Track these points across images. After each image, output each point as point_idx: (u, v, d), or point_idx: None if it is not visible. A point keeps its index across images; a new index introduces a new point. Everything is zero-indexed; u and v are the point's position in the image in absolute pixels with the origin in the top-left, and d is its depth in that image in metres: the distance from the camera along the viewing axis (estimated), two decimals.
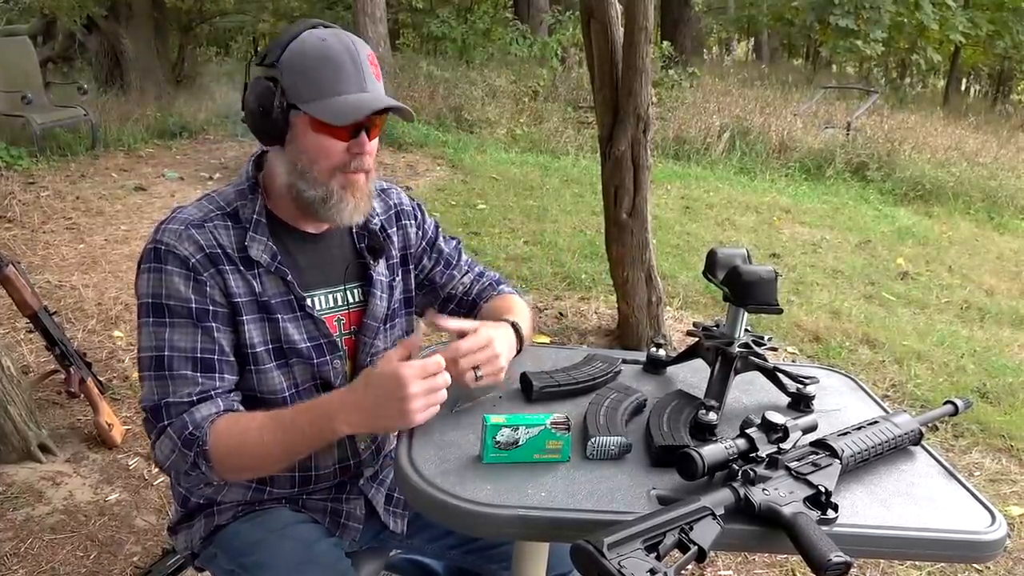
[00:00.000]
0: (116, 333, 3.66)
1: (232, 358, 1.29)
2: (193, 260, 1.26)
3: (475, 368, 1.28)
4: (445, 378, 1.19)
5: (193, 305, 1.25)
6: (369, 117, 1.26)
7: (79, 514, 2.44)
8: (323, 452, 1.41)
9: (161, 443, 1.24)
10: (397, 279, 1.50)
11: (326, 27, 1.29)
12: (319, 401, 1.25)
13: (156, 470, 2.67)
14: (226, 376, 1.28)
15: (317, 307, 1.37)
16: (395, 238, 1.51)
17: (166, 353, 1.25)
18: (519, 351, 1.44)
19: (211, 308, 1.27)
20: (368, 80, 1.26)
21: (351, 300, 1.43)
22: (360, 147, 1.28)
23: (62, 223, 5.25)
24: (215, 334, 1.27)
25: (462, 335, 1.31)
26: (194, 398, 1.24)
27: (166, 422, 1.24)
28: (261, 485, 1.41)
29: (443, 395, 1.19)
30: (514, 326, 1.43)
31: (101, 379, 3.00)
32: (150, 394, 1.26)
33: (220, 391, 1.27)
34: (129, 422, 2.92)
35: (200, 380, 1.25)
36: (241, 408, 1.30)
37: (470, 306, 1.58)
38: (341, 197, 1.29)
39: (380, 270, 1.46)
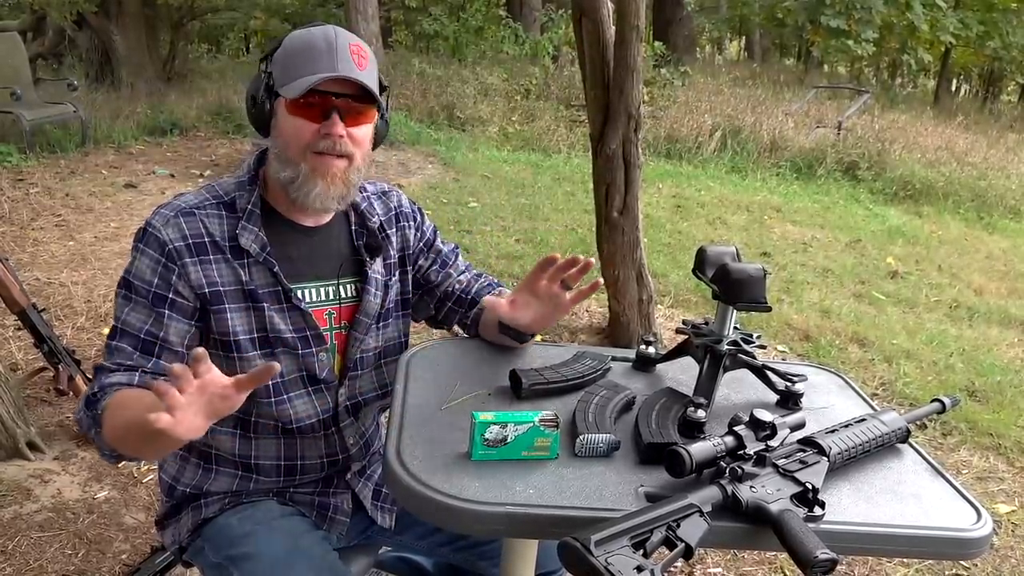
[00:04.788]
0: (105, 330, 3.64)
1: (179, 349, 1.30)
2: (171, 246, 1.29)
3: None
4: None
5: (153, 289, 1.29)
6: (347, 102, 1.28)
7: (67, 512, 2.43)
8: (308, 442, 1.42)
9: (81, 400, 1.28)
10: (393, 279, 1.51)
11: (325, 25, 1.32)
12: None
13: (145, 468, 2.66)
14: (162, 362, 1.28)
15: (306, 299, 1.38)
16: (394, 239, 1.51)
17: (119, 326, 1.29)
18: None
19: (170, 296, 1.29)
20: (341, 62, 1.27)
21: (344, 295, 1.44)
22: (328, 128, 1.28)
23: (51, 220, 5.22)
24: (165, 321, 1.29)
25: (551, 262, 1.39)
26: (121, 368, 1.26)
27: (90, 382, 1.28)
28: (247, 472, 1.42)
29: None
30: None
31: (90, 377, 2.99)
32: (102, 359, 1.31)
33: (148, 371, 1.27)
34: None
35: (134, 357, 1.27)
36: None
37: (469, 304, 1.57)
38: (308, 178, 1.31)
39: (376, 268, 1.46)
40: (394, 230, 1.52)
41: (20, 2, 10.04)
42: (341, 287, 1.43)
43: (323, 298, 1.41)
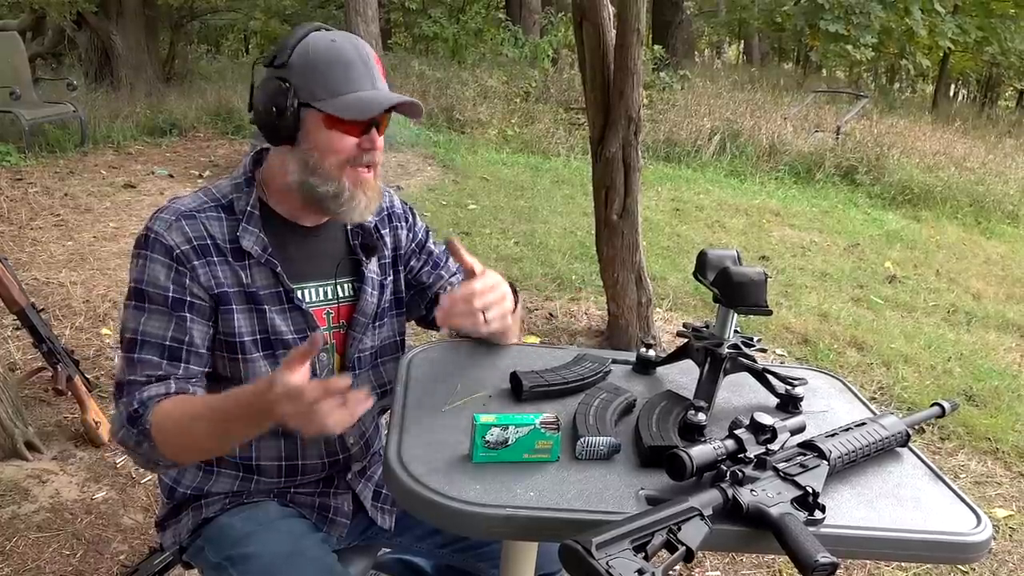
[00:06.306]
0: (104, 331, 3.64)
1: (203, 351, 1.31)
2: (178, 250, 1.28)
3: (484, 311, 1.34)
4: (322, 407, 1.09)
5: (170, 294, 1.28)
6: (383, 116, 1.31)
7: (65, 512, 2.43)
8: (310, 444, 1.43)
9: (115, 417, 1.27)
10: (388, 279, 1.52)
11: (328, 30, 1.33)
12: (255, 390, 1.16)
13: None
14: (191, 367, 1.29)
15: (306, 299, 1.39)
16: (387, 239, 1.53)
17: (139, 337, 1.28)
18: (515, 308, 1.46)
19: (187, 299, 1.29)
20: (377, 78, 1.32)
21: (341, 295, 1.45)
22: (371, 143, 1.31)
23: (50, 220, 5.22)
24: (187, 324, 1.29)
25: (471, 274, 1.37)
26: (153, 379, 1.26)
27: (121, 399, 1.26)
28: (248, 473, 1.41)
29: (314, 422, 1.10)
30: (512, 285, 1.47)
31: (88, 377, 2.99)
32: (120, 373, 1.29)
33: (179, 377, 1.28)
34: None
35: (164, 367, 1.27)
36: (199, 392, 1.30)
37: None
38: (353, 194, 1.32)
39: (372, 267, 1.48)
40: (387, 230, 1.54)
41: (20, 1, 10.03)
42: (338, 286, 1.44)
43: (321, 298, 1.42)
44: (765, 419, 1.11)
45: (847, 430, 1.21)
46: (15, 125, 6.68)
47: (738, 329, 1.38)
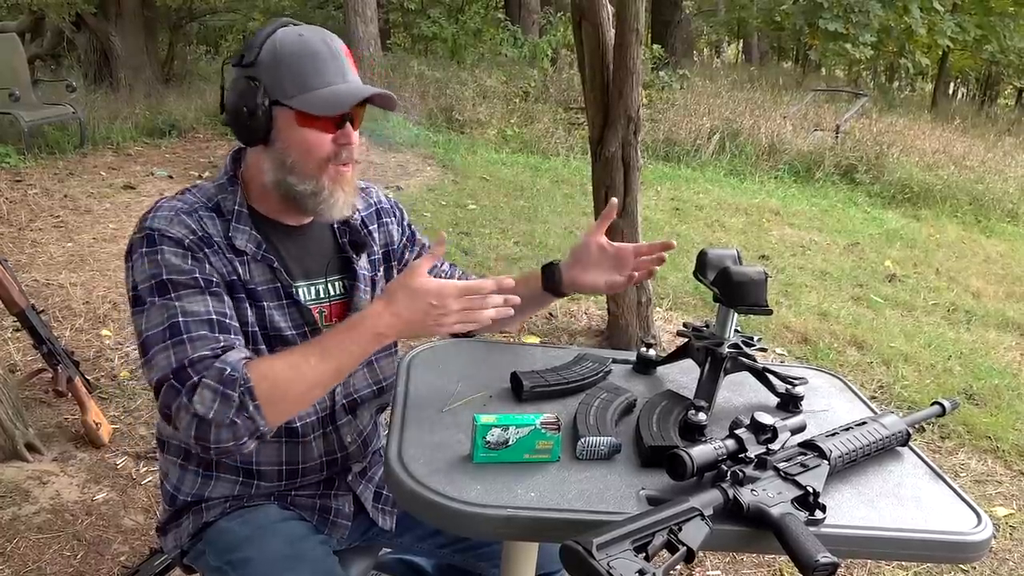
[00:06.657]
0: (104, 332, 3.63)
1: (238, 324, 1.28)
2: (187, 240, 1.26)
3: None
4: (493, 300, 1.23)
5: (198, 275, 1.25)
6: (353, 108, 1.28)
7: (66, 513, 2.43)
8: (308, 444, 1.41)
9: (199, 396, 1.14)
10: (379, 275, 1.52)
11: (295, 24, 1.32)
12: (358, 320, 1.23)
13: (144, 469, 2.65)
14: (240, 339, 1.26)
15: (301, 298, 1.39)
16: (376, 235, 1.53)
17: (180, 319, 1.20)
18: None
19: (214, 279, 1.26)
20: (348, 71, 1.30)
21: (333, 292, 1.44)
22: (347, 137, 1.29)
23: (50, 221, 5.21)
24: (224, 298, 1.26)
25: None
26: (219, 351, 1.20)
27: (196, 377, 1.16)
28: (248, 479, 1.41)
29: (485, 314, 1.22)
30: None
31: (89, 378, 2.98)
32: (168, 362, 1.18)
33: (240, 346, 1.24)
34: (117, 421, 2.91)
35: (220, 338, 1.21)
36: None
37: None
38: (332, 191, 1.31)
39: (362, 264, 1.47)
40: (376, 226, 1.53)
41: (19, 3, 10.03)
42: (329, 285, 1.44)
43: (313, 296, 1.41)
44: (766, 419, 1.11)
45: (847, 429, 1.21)
46: (14, 127, 6.67)
47: (738, 328, 1.39)
